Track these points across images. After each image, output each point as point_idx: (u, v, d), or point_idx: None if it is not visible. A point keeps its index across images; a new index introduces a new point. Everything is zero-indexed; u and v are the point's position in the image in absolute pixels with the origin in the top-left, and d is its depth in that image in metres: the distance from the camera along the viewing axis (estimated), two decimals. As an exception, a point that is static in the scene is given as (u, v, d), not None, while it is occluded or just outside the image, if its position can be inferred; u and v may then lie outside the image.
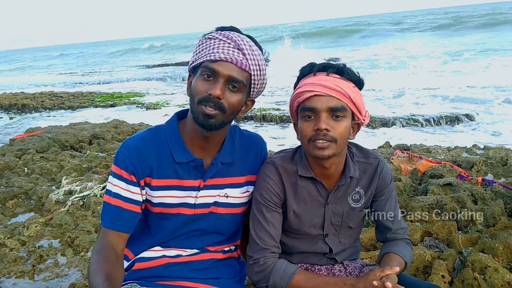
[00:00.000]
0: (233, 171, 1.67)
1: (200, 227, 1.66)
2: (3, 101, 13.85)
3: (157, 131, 1.61)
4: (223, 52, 1.44)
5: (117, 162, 1.55)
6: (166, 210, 1.61)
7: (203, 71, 1.46)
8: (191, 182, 1.59)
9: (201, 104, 1.44)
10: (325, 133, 1.49)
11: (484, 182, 4.01)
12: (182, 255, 1.67)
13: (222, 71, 1.43)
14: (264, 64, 1.53)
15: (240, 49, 1.46)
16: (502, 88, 12.25)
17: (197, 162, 1.58)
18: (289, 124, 9.17)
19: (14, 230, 3.71)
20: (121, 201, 1.54)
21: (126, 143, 1.58)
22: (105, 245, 1.50)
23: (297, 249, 1.77)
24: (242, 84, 1.47)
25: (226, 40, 1.46)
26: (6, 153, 6.23)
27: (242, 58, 1.46)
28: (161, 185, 1.58)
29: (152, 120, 9.50)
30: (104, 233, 1.53)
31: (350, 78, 1.55)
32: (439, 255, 2.75)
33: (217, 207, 1.65)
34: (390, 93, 12.96)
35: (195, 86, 1.47)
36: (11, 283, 2.94)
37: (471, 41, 27.27)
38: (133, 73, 27.77)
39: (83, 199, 4.21)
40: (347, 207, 1.72)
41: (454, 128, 8.28)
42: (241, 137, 1.72)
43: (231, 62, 1.44)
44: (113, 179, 1.55)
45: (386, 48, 29.55)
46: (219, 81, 1.43)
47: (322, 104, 1.50)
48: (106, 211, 1.55)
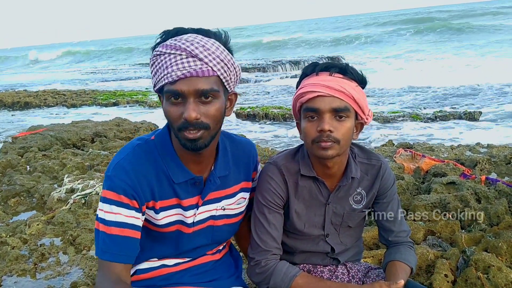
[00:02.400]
0: (229, 182, 1.59)
1: (197, 242, 1.60)
2: (6, 99, 13.89)
3: (148, 147, 1.47)
4: (178, 68, 1.28)
5: (113, 187, 1.39)
6: (167, 229, 1.53)
7: (168, 95, 1.32)
8: (190, 201, 1.51)
9: (182, 131, 1.33)
10: (329, 134, 1.47)
11: (487, 181, 3.99)
12: (181, 262, 1.63)
13: (187, 90, 1.28)
14: (227, 55, 1.36)
15: (194, 55, 1.29)
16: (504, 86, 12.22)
17: (196, 179, 1.49)
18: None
19: (16, 228, 3.71)
20: (126, 229, 1.40)
21: (119, 165, 1.42)
22: (114, 280, 1.37)
23: (299, 249, 1.77)
24: (214, 91, 1.32)
25: (175, 53, 1.29)
26: (8, 151, 6.25)
27: (201, 65, 1.29)
28: (164, 206, 1.48)
29: (153, 118, 9.49)
30: (109, 267, 1.39)
31: (353, 77, 1.53)
32: (442, 254, 2.73)
33: (214, 220, 1.60)
34: (393, 90, 12.95)
35: (168, 113, 1.34)
36: (12, 281, 2.94)
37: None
38: (133, 70, 27.77)
39: (85, 197, 4.21)
40: (348, 208, 1.70)
41: (457, 126, 8.25)
42: (231, 145, 1.64)
43: (191, 76, 1.28)
44: (111, 207, 1.39)
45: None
46: (188, 101, 1.29)
47: (325, 105, 1.48)
48: (107, 242, 1.39)
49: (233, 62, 1.39)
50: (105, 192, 1.41)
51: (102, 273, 1.40)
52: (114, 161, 1.44)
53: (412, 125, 8.44)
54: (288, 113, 9.60)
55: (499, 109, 9.40)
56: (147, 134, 1.56)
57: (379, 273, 1.77)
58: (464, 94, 11.73)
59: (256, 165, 1.72)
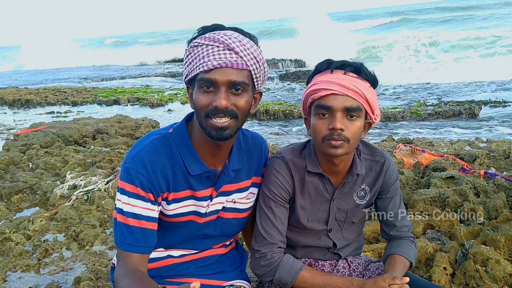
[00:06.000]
0: (241, 176, 1.63)
1: (206, 233, 1.63)
2: (7, 96, 13.88)
3: (166, 140, 1.51)
4: (214, 58, 1.34)
5: (131, 180, 1.43)
6: (178, 219, 1.56)
7: (201, 83, 1.37)
8: (204, 192, 1.55)
9: (209, 118, 1.37)
10: (340, 132, 1.48)
11: (486, 175, 4.01)
12: (186, 254, 1.66)
13: (221, 79, 1.34)
14: (259, 53, 1.43)
15: (231, 48, 1.35)
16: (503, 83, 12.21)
17: (211, 173, 1.52)
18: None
19: (20, 224, 3.74)
20: (143, 221, 1.44)
21: (138, 157, 1.45)
22: (131, 269, 1.40)
23: (301, 244, 1.78)
24: (245, 84, 1.38)
25: (213, 44, 1.36)
26: (10, 148, 6.27)
27: (237, 58, 1.36)
28: (177, 197, 1.52)
29: (154, 115, 9.50)
30: (127, 257, 1.43)
31: (366, 77, 1.53)
32: (441, 248, 2.76)
33: (224, 212, 1.63)
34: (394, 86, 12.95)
35: (197, 101, 1.38)
36: (17, 276, 2.97)
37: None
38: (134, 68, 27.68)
39: (87, 194, 4.23)
40: (352, 204, 1.72)
41: (457, 122, 8.26)
42: (244, 139, 1.67)
43: (226, 67, 1.34)
44: (129, 199, 1.43)
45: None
46: (220, 90, 1.35)
47: (338, 104, 1.48)
48: (125, 233, 1.44)
49: (264, 62, 1.46)
50: (123, 183, 1.45)
51: (120, 262, 1.45)
52: (132, 153, 1.48)
53: (412, 121, 8.46)
54: (289, 109, 9.60)
55: (497, 104, 9.41)
56: (164, 127, 1.60)
57: (378, 266, 1.79)
58: (467, 89, 11.74)
59: (266, 160, 1.75)
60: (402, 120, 8.63)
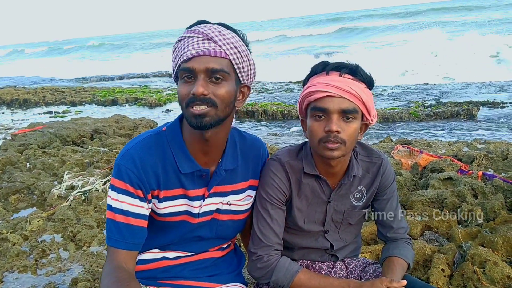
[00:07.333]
0: (236, 177, 1.62)
1: (201, 234, 1.62)
2: (5, 96, 13.86)
3: (159, 138, 1.51)
4: (193, 48, 1.36)
5: (120, 176, 1.44)
6: (170, 219, 1.55)
7: (182, 74, 1.39)
8: (196, 191, 1.54)
9: (189, 107, 1.37)
10: (336, 135, 1.48)
11: (484, 176, 4.02)
12: (181, 256, 1.65)
13: (198, 67, 1.35)
14: (242, 45, 1.44)
15: (209, 38, 1.38)
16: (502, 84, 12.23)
17: (202, 172, 1.52)
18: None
19: (17, 225, 3.73)
20: (130, 217, 1.44)
21: (128, 154, 1.46)
22: (115, 266, 1.40)
23: (298, 245, 1.78)
24: (224, 72, 1.37)
25: (194, 35, 1.39)
26: (8, 148, 6.26)
27: (215, 47, 1.37)
28: (168, 196, 1.52)
29: (152, 115, 9.50)
30: (113, 253, 1.44)
31: (362, 79, 1.53)
32: (439, 249, 2.76)
33: (219, 214, 1.61)
34: (390, 87, 12.96)
35: (179, 92, 1.40)
36: (14, 277, 2.96)
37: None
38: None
39: (85, 194, 4.23)
40: (348, 205, 1.72)
41: (455, 123, 8.27)
42: (241, 141, 1.66)
43: (204, 55, 1.36)
44: (118, 195, 1.44)
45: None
46: (198, 78, 1.36)
47: (334, 106, 1.48)
48: (112, 229, 1.44)
49: (248, 54, 1.46)
50: (113, 179, 1.46)
51: (107, 258, 1.45)
52: (124, 150, 1.49)
53: (410, 121, 8.47)
54: (287, 109, 9.61)
55: (496, 105, 9.42)
56: (159, 126, 1.60)
57: (376, 268, 1.79)
58: (463, 90, 11.75)
59: (265, 162, 1.73)
60: (400, 121, 8.64)
